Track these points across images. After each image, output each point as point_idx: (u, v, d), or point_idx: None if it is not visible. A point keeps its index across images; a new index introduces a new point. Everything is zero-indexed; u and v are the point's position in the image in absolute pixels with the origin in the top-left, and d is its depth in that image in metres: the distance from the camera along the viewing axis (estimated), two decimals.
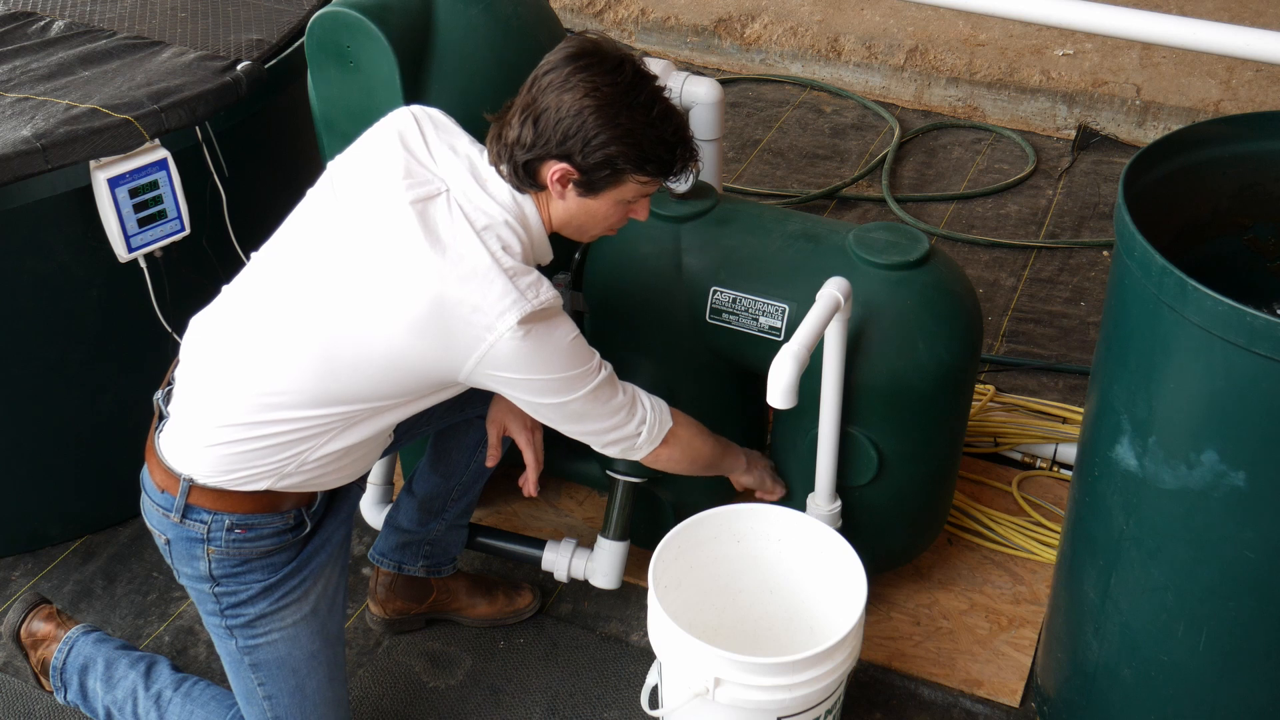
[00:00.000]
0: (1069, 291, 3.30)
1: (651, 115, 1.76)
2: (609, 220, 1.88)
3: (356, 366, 1.76)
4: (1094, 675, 2.00)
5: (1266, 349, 1.51)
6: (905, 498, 2.26)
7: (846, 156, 3.90)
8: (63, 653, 2.16)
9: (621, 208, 1.86)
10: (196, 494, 1.84)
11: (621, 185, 1.80)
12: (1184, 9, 4.22)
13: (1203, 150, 1.88)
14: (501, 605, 2.44)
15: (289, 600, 1.93)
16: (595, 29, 4.70)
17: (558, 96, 1.74)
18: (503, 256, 1.75)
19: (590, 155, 1.74)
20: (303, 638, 1.96)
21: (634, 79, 1.75)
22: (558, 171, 1.76)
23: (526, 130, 1.75)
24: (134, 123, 2.31)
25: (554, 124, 1.74)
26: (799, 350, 1.85)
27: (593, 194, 1.80)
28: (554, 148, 1.74)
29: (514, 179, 1.80)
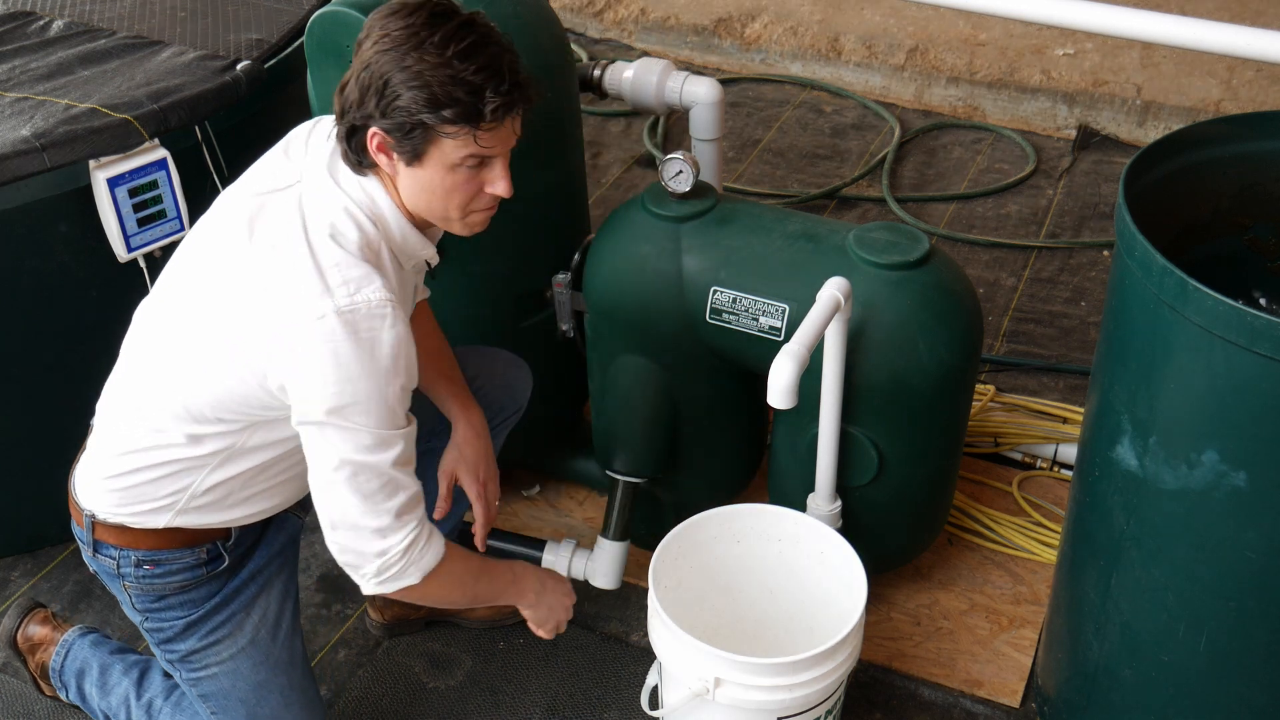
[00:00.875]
0: (1069, 291, 3.30)
1: (446, 54, 1.53)
2: (455, 196, 1.65)
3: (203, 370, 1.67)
4: (1094, 675, 2.00)
5: (1267, 349, 1.51)
6: (905, 498, 2.26)
7: (846, 156, 3.90)
8: (60, 656, 2.15)
9: (460, 177, 1.62)
10: (100, 529, 1.80)
11: (437, 143, 1.58)
12: (1184, 9, 4.22)
13: (1203, 150, 1.88)
14: (500, 606, 2.41)
15: (219, 635, 1.88)
16: (595, 29, 4.70)
17: (360, 53, 1.58)
18: (325, 247, 1.60)
19: (388, 110, 1.55)
20: (244, 669, 1.90)
21: (430, 18, 1.55)
22: (374, 139, 1.59)
23: (341, 99, 1.60)
24: (134, 122, 2.30)
25: (355, 82, 1.57)
26: (799, 350, 1.85)
27: (417, 161, 1.60)
28: (358, 111, 1.57)
29: (349, 159, 1.64)
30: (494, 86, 1.55)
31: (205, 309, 1.68)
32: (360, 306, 1.57)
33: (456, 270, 2.30)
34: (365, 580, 1.72)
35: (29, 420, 2.51)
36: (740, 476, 2.54)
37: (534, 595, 1.99)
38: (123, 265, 2.37)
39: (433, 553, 1.74)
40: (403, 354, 1.62)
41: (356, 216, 1.64)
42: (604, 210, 3.60)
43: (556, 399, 2.60)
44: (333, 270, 1.59)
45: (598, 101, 4.07)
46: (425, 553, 1.73)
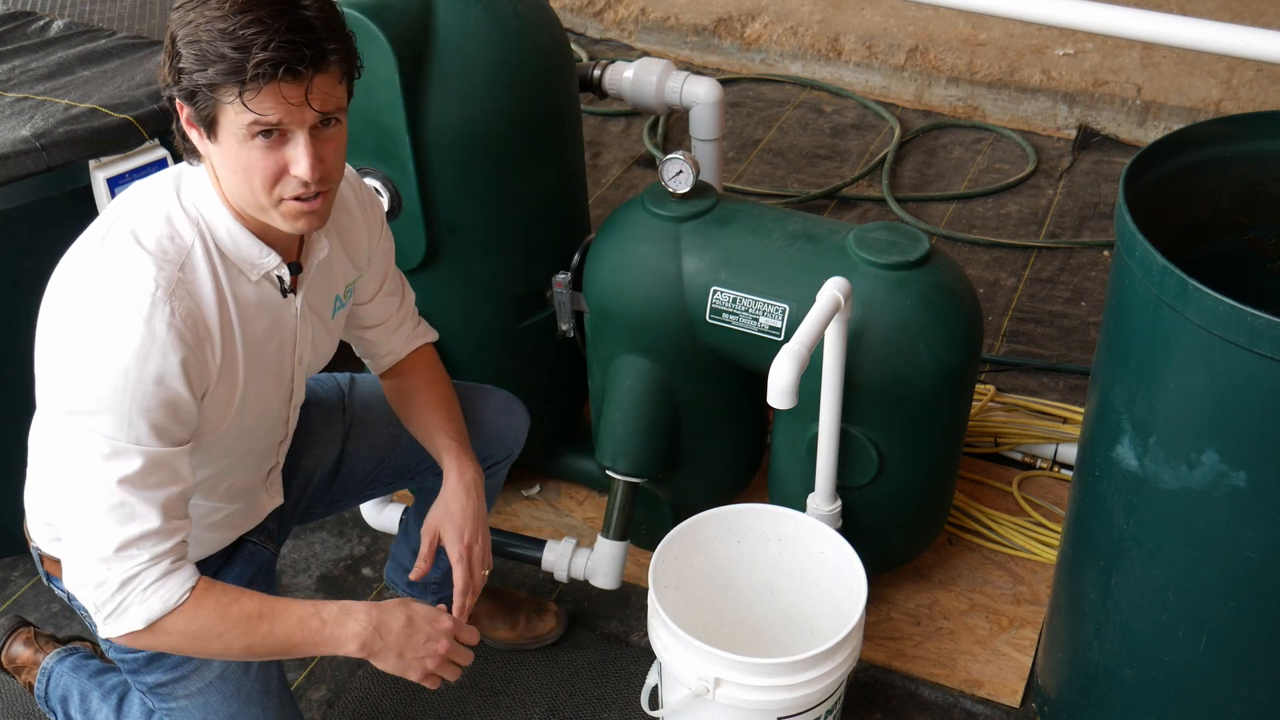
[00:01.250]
0: (1069, 291, 3.30)
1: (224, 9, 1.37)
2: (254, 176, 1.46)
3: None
4: (1094, 675, 2.00)
5: (1267, 349, 1.51)
6: (905, 498, 2.26)
7: (846, 156, 3.90)
8: (42, 683, 2.10)
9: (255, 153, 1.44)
10: (47, 563, 1.73)
11: (221, 111, 1.41)
12: (1184, 9, 4.22)
13: (1203, 150, 1.88)
14: (523, 629, 2.37)
15: (185, 670, 1.76)
16: (595, 29, 4.70)
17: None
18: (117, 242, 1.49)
19: (179, 78, 1.41)
20: (214, 703, 1.78)
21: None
22: (181, 112, 1.45)
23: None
24: (134, 122, 2.30)
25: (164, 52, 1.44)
26: (799, 350, 1.85)
27: (212, 134, 1.44)
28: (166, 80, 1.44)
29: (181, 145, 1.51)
30: (265, 40, 1.36)
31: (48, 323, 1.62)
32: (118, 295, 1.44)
33: (456, 270, 2.30)
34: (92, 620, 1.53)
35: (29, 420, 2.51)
36: (740, 476, 2.54)
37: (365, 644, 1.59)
38: None
39: (160, 597, 1.49)
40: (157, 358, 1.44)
41: (170, 213, 1.51)
42: (604, 210, 3.60)
43: (556, 399, 2.60)
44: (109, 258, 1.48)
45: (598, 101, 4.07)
46: (150, 594, 1.49)
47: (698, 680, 1.88)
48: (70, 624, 2.46)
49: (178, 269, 1.49)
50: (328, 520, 2.68)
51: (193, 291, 1.50)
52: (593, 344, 2.36)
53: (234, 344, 1.57)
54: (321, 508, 2.08)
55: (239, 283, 1.57)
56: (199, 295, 1.51)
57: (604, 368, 2.34)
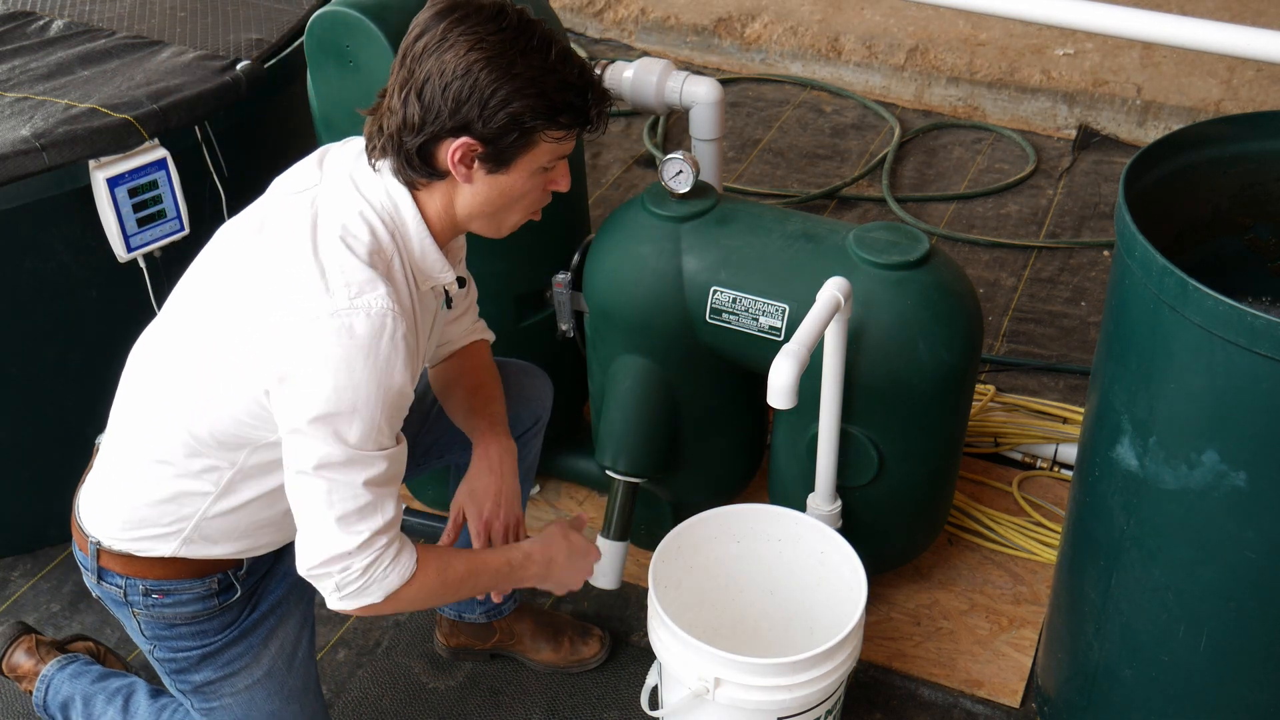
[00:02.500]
0: (1069, 291, 3.30)
1: (550, 58, 1.51)
2: (528, 199, 1.63)
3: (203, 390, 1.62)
4: (1094, 675, 2.00)
5: (1267, 349, 1.51)
6: (905, 498, 2.26)
7: (846, 156, 3.90)
8: (41, 692, 2.11)
9: (539, 179, 1.61)
10: (105, 557, 1.75)
11: (535, 149, 1.55)
12: (1184, 9, 4.22)
13: (1203, 150, 1.88)
14: (566, 653, 2.35)
15: (236, 667, 1.83)
16: (595, 29, 4.70)
17: (438, 60, 1.49)
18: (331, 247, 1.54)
19: (492, 118, 1.49)
20: (259, 700, 1.86)
21: (520, 22, 1.51)
22: (459, 149, 1.52)
23: (411, 109, 1.51)
24: (133, 122, 2.30)
25: (441, 92, 1.49)
26: (799, 350, 1.85)
27: (504, 167, 1.56)
28: (447, 120, 1.50)
29: (405, 171, 1.57)
30: (594, 89, 1.56)
31: (205, 320, 1.64)
32: (360, 312, 1.51)
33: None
34: (327, 595, 1.64)
35: (29, 420, 2.51)
36: (740, 476, 2.54)
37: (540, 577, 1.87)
38: (123, 265, 2.37)
39: (397, 573, 1.64)
40: (398, 370, 1.54)
41: (372, 221, 1.58)
42: (604, 210, 3.60)
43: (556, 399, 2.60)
44: (335, 271, 1.52)
45: None
46: (389, 573, 1.63)
47: (698, 680, 1.88)
48: (70, 624, 2.47)
49: (388, 282, 1.55)
50: None
51: (401, 303, 1.57)
52: (593, 344, 2.36)
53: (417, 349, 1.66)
54: None
55: (417, 290, 1.65)
56: (404, 304, 1.58)
57: (604, 368, 2.34)
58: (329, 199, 1.60)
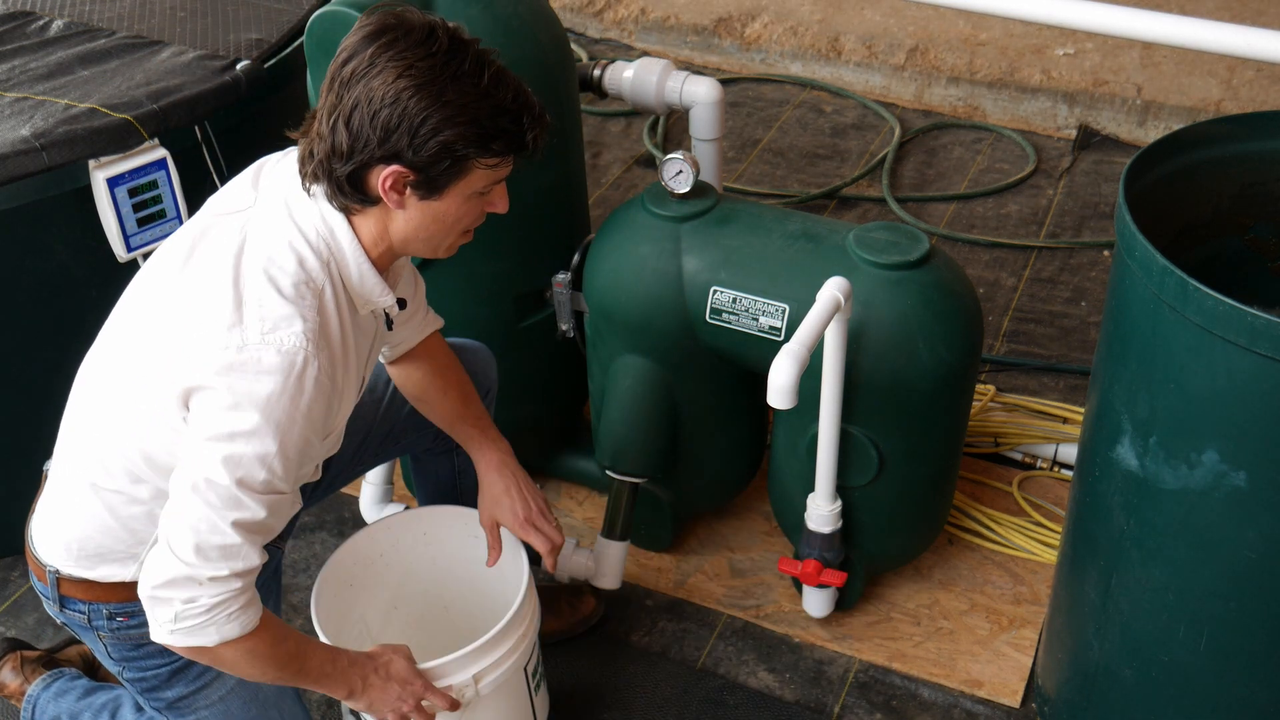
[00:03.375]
0: (1069, 291, 3.30)
1: (482, 83, 1.47)
2: (463, 222, 1.61)
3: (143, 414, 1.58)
4: (1095, 675, 2.00)
5: (1267, 349, 1.51)
6: (905, 498, 2.26)
7: (846, 156, 3.90)
8: (27, 713, 2.10)
9: (474, 203, 1.59)
10: (66, 585, 1.72)
11: (468, 175, 1.53)
12: (1185, 8, 4.22)
13: (1203, 150, 1.88)
14: (567, 616, 2.36)
15: (208, 678, 1.80)
16: (595, 29, 4.70)
17: (365, 86, 1.45)
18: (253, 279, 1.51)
19: (422, 148, 1.46)
20: (235, 709, 1.84)
21: (451, 46, 1.47)
22: (389, 177, 1.50)
23: (340, 136, 1.47)
24: (133, 122, 2.30)
25: (369, 120, 1.45)
26: (799, 350, 1.85)
27: (436, 194, 1.53)
28: (376, 149, 1.47)
29: (338, 197, 1.53)
30: (529, 113, 1.52)
31: (133, 348, 1.61)
32: (270, 348, 1.48)
33: (456, 270, 2.30)
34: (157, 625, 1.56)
35: (29, 420, 2.51)
36: (740, 476, 2.54)
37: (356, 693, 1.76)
38: (123, 265, 2.37)
39: (239, 623, 1.57)
40: (302, 411, 1.50)
41: (301, 251, 1.54)
42: (604, 210, 3.60)
43: (556, 399, 2.61)
44: (253, 305, 1.50)
45: (598, 101, 4.08)
46: (233, 619, 1.56)
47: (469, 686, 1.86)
48: None
49: (316, 313, 1.53)
50: (328, 520, 2.68)
51: (327, 336, 1.54)
52: (593, 344, 2.36)
53: (349, 378, 1.63)
54: (319, 494, 2.09)
55: (352, 316, 1.62)
56: (330, 338, 1.56)
57: (604, 368, 2.34)
58: (259, 225, 1.56)
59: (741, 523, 2.62)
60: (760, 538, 2.59)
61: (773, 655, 2.37)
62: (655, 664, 2.36)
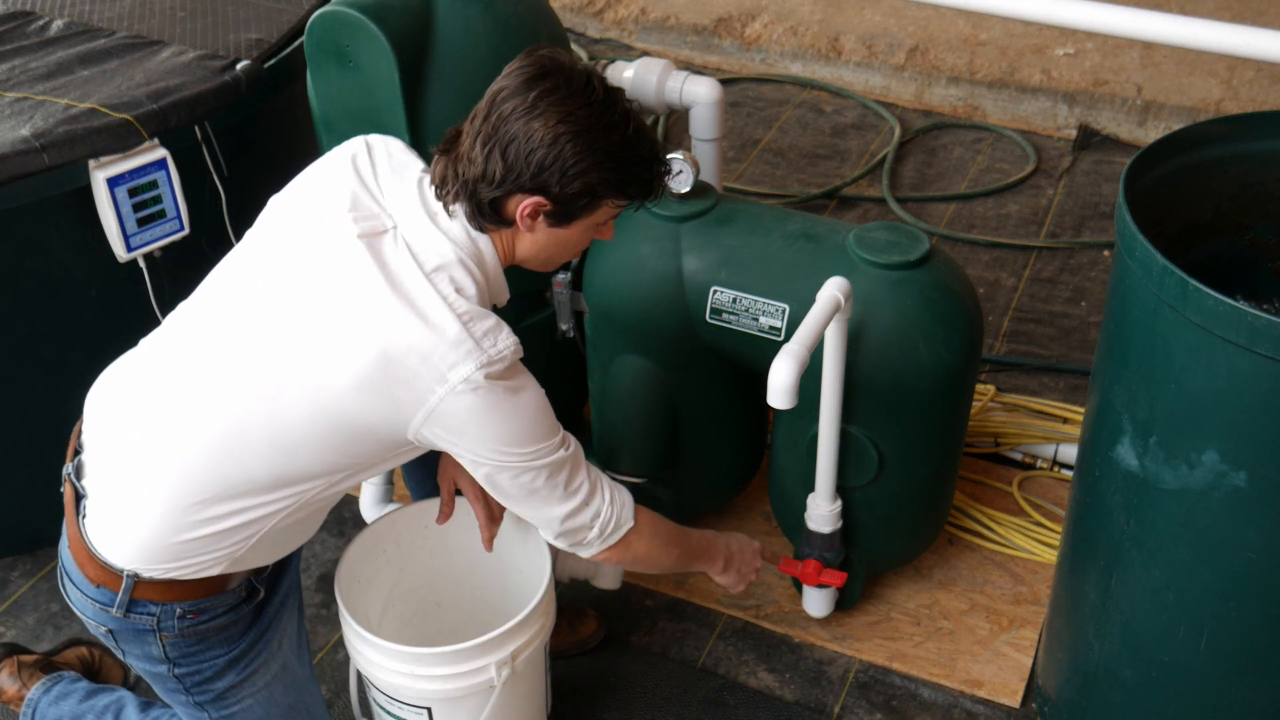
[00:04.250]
0: (1069, 291, 3.30)
1: (628, 134, 1.61)
2: (576, 247, 1.75)
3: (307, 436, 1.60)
4: (1095, 676, 2.00)
5: (1267, 349, 1.51)
6: (905, 498, 2.26)
7: (847, 156, 3.90)
8: (27, 717, 2.09)
9: (591, 232, 1.73)
10: (143, 588, 1.69)
11: (597, 210, 1.66)
12: (1185, 8, 4.22)
13: (1203, 150, 1.88)
14: (564, 635, 2.35)
15: (256, 665, 1.83)
16: (595, 29, 4.70)
17: (525, 125, 1.56)
18: (456, 300, 1.60)
19: (569, 185, 1.59)
20: (278, 694, 1.88)
21: (606, 98, 1.60)
22: (529, 205, 1.61)
23: (494, 164, 1.58)
24: (133, 122, 2.30)
25: (525, 155, 1.57)
26: (799, 350, 1.85)
27: (565, 223, 1.66)
28: (527, 181, 1.59)
29: (476, 218, 1.64)
30: (659, 163, 1.67)
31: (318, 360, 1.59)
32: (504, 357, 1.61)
33: None
34: (591, 547, 1.82)
35: (29, 420, 2.51)
36: (740, 476, 2.54)
37: (723, 563, 2.06)
38: (123, 265, 2.37)
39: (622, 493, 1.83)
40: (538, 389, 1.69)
41: (469, 266, 1.66)
42: None
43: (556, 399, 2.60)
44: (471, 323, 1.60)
45: None
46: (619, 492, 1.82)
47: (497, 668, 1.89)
48: (70, 624, 2.47)
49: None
50: (327, 520, 2.68)
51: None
52: (593, 344, 2.36)
53: None
54: None
55: None
56: None
57: (604, 368, 2.33)
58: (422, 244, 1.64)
59: (741, 523, 2.62)
60: (760, 538, 2.59)
61: (773, 655, 2.37)
62: (655, 664, 2.36)
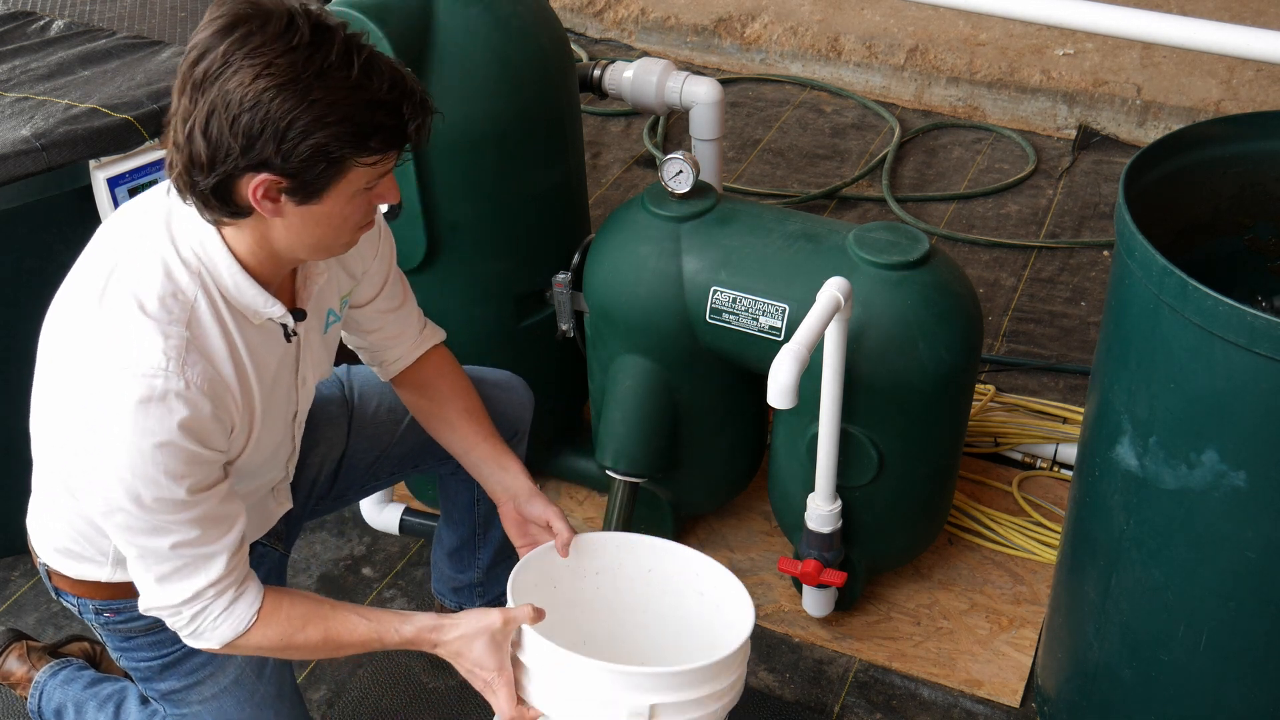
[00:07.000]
0: (1069, 291, 3.30)
1: (353, 76, 1.33)
2: (352, 220, 1.47)
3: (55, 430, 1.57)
4: (1094, 675, 2.00)
5: (1267, 349, 1.51)
6: (905, 498, 2.26)
7: (846, 156, 3.90)
8: (34, 698, 2.10)
9: (360, 199, 1.44)
10: (55, 578, 1.74)
11: (347, 175, 1.39)
12: (1184, 9, 4.22)
13: (1203, 150, 1.88)
14: None
15: (201, 675, 1.79)
16: (595, 29, 4.70)
17: (221, 89, 1.31)
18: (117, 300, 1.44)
19: (292, 153, 1.33)
20: (228, 708, 1.82)
21: (315, 36, 1.32)
22: (259, 186, 1.36)
23: (197, 146, 1.33)
24: (134, 122, 2.30)
25: (229, 126, 1.31)
26: (799, 350, 1.85)
27: (315, 198, 1.40)
28: (240, 158, 1.33)
29: (207, 212, 1.42)
30: (408, 102, 1.38)
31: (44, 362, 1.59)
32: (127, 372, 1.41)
33: (457, 270, 2.30)
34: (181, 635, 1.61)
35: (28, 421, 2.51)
36: (740, 476, 2.54)
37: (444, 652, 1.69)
38: None
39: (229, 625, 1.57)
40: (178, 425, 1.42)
41: (170, 265, 1.45)
42: (604, 210, 3.60)
43: (556, 399, 2.61)
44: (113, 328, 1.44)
45: (598, 101, 4.08)
46: (220, 624, 1.57)
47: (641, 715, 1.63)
48: (70, 623, 2.47)
49: (185, 328, 1.45)
50: (328, 520, 2.68)
51: (203, 348, 1.47)
52: (593, 344, 2.37)
53: (250, 387, 1.57)
54: (327, 504, 2.07)
55: (245, 328, 1.54)
56: (209, 350, 1.49)
57: (604, 368, 2.34)
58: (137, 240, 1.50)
59: (741, 523, 2.62)
60: (760, 538, 2.59)
61: (773, 655, 2.37)
62: None
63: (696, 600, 1.92)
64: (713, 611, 1.89)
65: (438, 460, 2.03)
